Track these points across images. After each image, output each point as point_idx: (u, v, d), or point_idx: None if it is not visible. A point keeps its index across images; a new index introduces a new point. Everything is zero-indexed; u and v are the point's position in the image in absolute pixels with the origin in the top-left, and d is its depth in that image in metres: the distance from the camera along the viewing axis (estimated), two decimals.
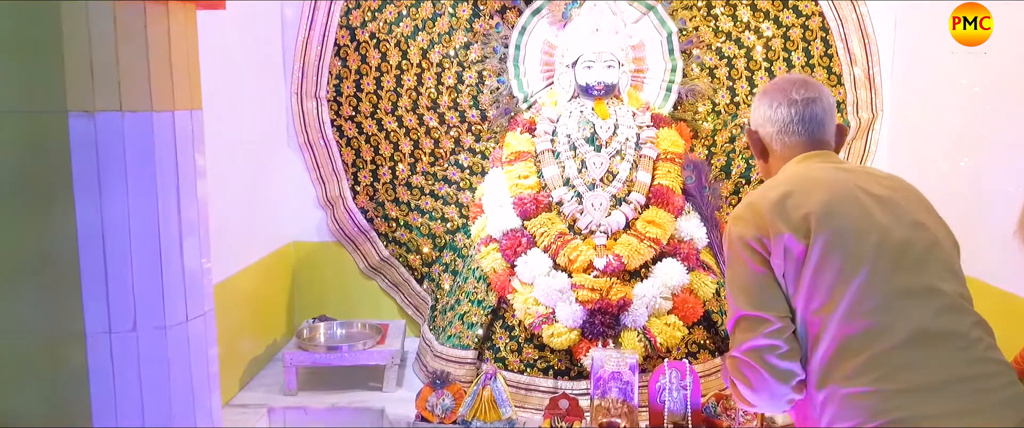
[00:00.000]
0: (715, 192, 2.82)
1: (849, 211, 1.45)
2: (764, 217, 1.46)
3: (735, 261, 1.50)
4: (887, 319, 1.39)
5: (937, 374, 1.36)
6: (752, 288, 1.46)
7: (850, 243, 1.42)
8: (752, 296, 1.45)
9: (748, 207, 1.52)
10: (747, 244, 1.47)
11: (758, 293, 1.45)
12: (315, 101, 3.03)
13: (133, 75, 1.45)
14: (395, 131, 3.08)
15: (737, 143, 3.02)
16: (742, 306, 1.47)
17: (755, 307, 1.45)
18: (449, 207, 3.11)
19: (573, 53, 2.82)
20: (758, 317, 1.44)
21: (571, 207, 2.67)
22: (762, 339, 1.44)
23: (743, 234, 1.48)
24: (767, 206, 1.47)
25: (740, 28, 2.99)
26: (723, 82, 3.01)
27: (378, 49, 3.02)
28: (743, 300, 1.47)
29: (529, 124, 2.88)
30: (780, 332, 1.44)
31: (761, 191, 1.54)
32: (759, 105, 1.65)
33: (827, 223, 1.43)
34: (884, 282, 1.41)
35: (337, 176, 3.11)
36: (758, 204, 1.50)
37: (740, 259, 1.48)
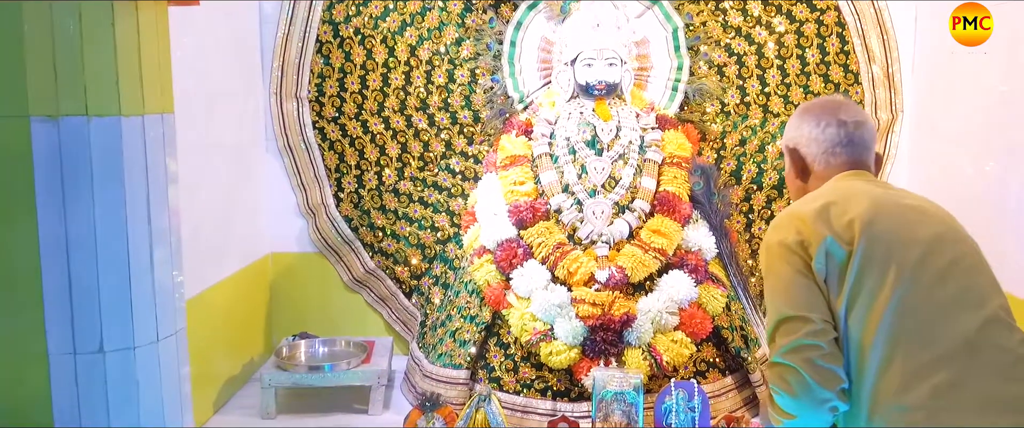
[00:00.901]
0: (725, 199, 2.83)
1: (892, 220, 1.53)
2: (806, 223, 1.54)
3: (775, 266, 1.56)
4: (932, 331, 1.45)
5: (983, 390, 1.43)
6: (793, 290, 1.52)
7: (894, 251, 1.50)
8: (792, 298, 1.52)
9: (788, 216, 1.60)
10: (788, 248, 1.54)
11: (799, 295, 1.52)
12: (296, 102, 3.03)
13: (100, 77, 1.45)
14: (381, 134, 3.08)
15: (748, 146, 3.03)
16: (782, 309, 1.53)
17: (796, 308, 1.51)
18: (440, 215, 3.11)
19: (572, 50, 2.83)
20: (799, 317, 1.50)
21: (570, 215, 2.68)
22: (804, 339, 1.49)
23: (784, 239, 1.55)
24: (809, 214, 1.55)
25: (751, 23, 3.00)
26: (733, 81, 3.02)
27: (363, 46, 3.02)
28: (783, 303, 1.54)
29: (525, 126, 2.88)
30: (822, 333, 1.49)
31: (800, 203, 1.64)
32: (802, 123, 1.73)
33: (870, 229, 1.50)
34: (928, 293, 1.48)
35: (319, 182, 3.11)
36: (800, 212, 1.57)
37: (780, 264, 1.55)
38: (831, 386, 1.49)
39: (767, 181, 3.04)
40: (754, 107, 3.03)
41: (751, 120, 3.03)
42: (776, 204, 3.05)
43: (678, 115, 2.97)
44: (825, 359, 1.48)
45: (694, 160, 2.82)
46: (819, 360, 1.48)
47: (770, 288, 1.58)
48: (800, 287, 1.52)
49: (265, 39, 3.02)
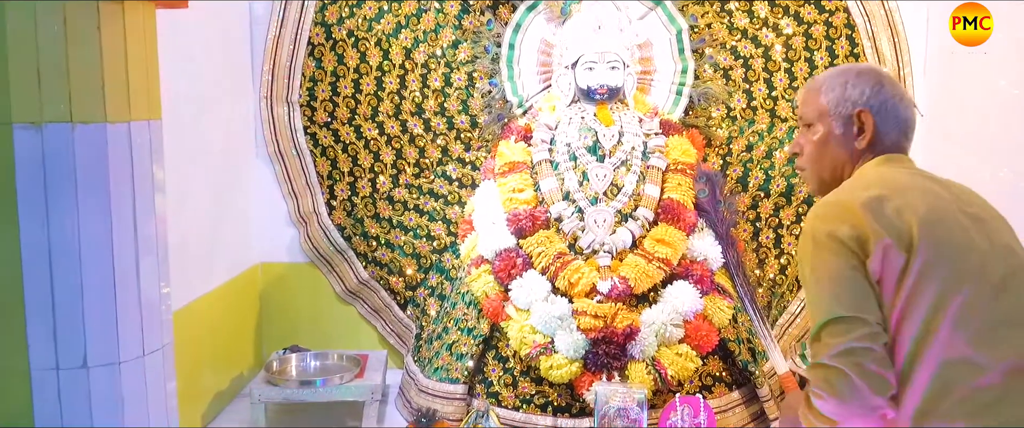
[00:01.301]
0: (731, 207, 2.83)
1: (951, 228, 1.50)
2: (859, 216, 1.47)
3: (824, 260, 1.50)
4: (986, 350, 1.44)
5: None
6: (846, 288, 1.47)
7: (953, 263, 1.47)
8: (846, 296, 1.47)
9: (835, 205, 1.53)
10: (840, 242, 1.48)
11: (853, 294, 1.47)
12: (287, 106, 3.04)
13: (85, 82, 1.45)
14: (375, 139, 3.08)
15: (754, 152, 3.04)
16: (833, 308, 1.48)
17: (849, 308, 1.46)
18: (436, 224, 3.11)
19: (573, 53, 2.84)
20: (853, 318, 1.46)
21: (571, 224, 2.68)
22: (857, 342, 1.45)
23: (835, 231, 1.49)
24: (860, 205, 1.49)
25: (757, 25, 3.02)
26: (739, 84, 3.03)
27: (356, 48, 3.03)
28: (834, 301, 1.48)
29: (524, 132, 2.89)
30: (876, 337, 1.46)
31: (846, 191, 1.55)
32: (881, 88, 1.64)
33: (930, 237, 1.47)
34: (984, 309, 1.46)
35: (311, 189, 3.11)
36: (848, 202, 1.51)
37: (831, 258, 1.48)
38: (884, 392, 1.46)
39: (774, 188, 3.04)
40: (761, 112, 3.04)
41: (758, 125, 3.03)
42: (784, 211, 3.06)
43: (682, 120, 2.98)
44: (878, 364, 1.45)
45: (699, 167, 2.82)
46: (872, 365, 1.45)
47: (816, 283, 1.51)
48: (854, 285, 1.47)
49: (255, 41, 3.02)
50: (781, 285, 3.07)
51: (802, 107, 1.71)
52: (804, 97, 1.70)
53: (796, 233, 3.06)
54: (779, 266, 3.07)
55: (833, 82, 1.66)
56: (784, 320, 3.09)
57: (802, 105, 1.70)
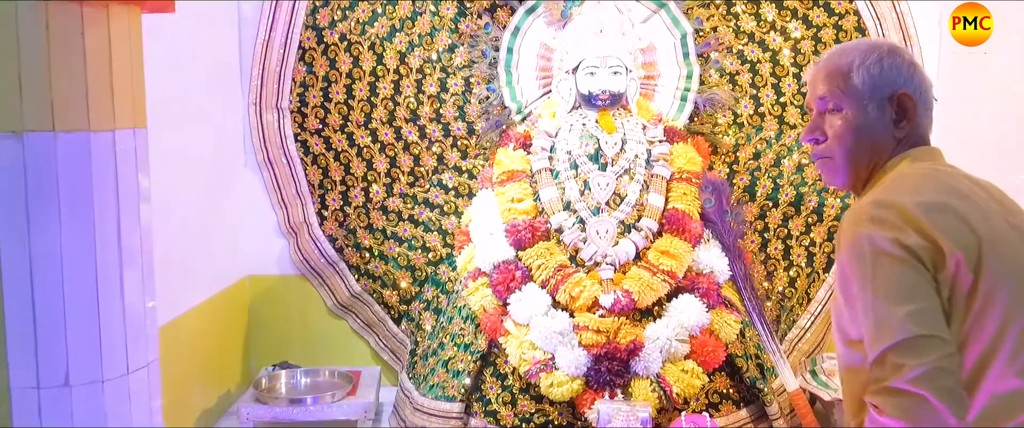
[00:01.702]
0: (738, 217, 2.84)
1: (1009, 244, 1.43)
2: (924, 223, 1.37)
3: (890, 270, 1.37)
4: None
5: None
6: (921, 302, 1.36)
7: (1012, 286, 1.40)
8: (923, 313, 1.36)
9: (889, 208, 1.40)
10: (909, 250, 1.35)
11: (930, 309, 1.36)
12: (276, 113, 3.04)
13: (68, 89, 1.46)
14: (369, 147, 3.09)
15: (762, 160, 3.04)
16: (907, 326, 1.36)
17: (927, 326, 1.35)
18: (431, 235, 3.12)
19: (574, 57, 2.85)
20: (931, 337, 1.35)
21: (573, 235, 2.68)
22: (937, 363, 1.35)
23: (901, 238, 1.36)
24: (922, 211, 1.37)
25: (764, 28, 3.03)
26: (746, 90, 3.04)
27: (349, 53, 3.04)
28: (908, 318, 1.36)
29: (523, 139, 2.90)
30: (954, 357, 1.37)
31: (895, 192, 1.44)
32: (913, 70, 1.55)
33: (994, 255, 1.39)
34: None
35: (301, 199, 3.12)
36: (905, 206, 1.39)
37: (898, 268, 1.36)
38: (963, 416, 1.36)
39: (783, 197, 3.05)
40: (769, 118, 3.05)
41: (766, 132, 3.04)
42: (793, 222, 3.06)
43: (687, 127, 2.99)
44: (959, 386, 1.36)
45: (705, 175, 2.83)
46: (955, 386, 1.35)
47: (880, 297, 1.37)
48: (930, 300, 1.35)
49: (244, 46, 3.03)
50: (791, 298, 3.08)
51: (822, 87, 1.55)
52: (825, 76, 1.55)
53: (805, 244, 3.07)
54: (788, 278, 3.08)
55: (864, 59, 1.53)
56: (794, 335, 3.09)
57: (822, 85, 1.55)
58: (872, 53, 1.53)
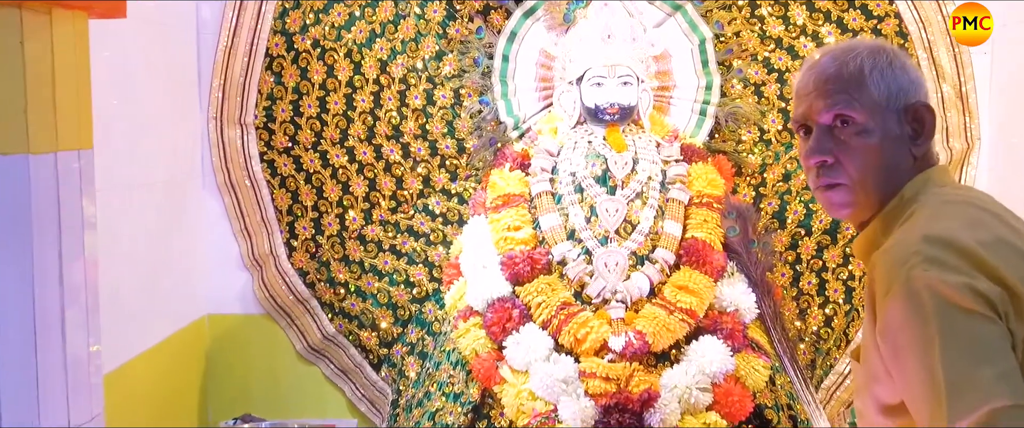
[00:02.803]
0: (766, 247, 2.85)
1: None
2: (991, 264, 1.31)
3: (967, 322, 1.29)
4: None
5: None
6: (1004, 362, 1.29)
7: None
8: (1009, 376, 1.28)
9: (948, 247, 1.33)
10: (985, 298, 1.28)
11: (1014, 370, 1.28)
12: (240, 129, 3.06)
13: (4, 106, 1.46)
14: (345, 167, 3.10)
15: (793, 182, 3.06)
16: (1002, 392, 1.28)
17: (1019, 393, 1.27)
18: (416, 268, 3.12)
19: (578, 66, 2.87)
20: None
21: (578, 268, 2.69)
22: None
23: (973, 283, 1.29)
24: (986, 251, 1.32)
25: (793, 33, 3.06)
26: (773, 102, 3.07)
27: (323, 61, 3.06)
28: (995, 383, 1.28)
29: (521, 158, 2.91)
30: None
31: (944, 226, 1.38)
32: (920, 78, 1.51)
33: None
34: None
35: (267, 227, 3.12)
36: (966, 245, 1.33)
37: (977, 319, 1.29)
38: None
39: (817, 224, 3.06)
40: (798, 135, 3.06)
41: (796, 150, 3.05)
42: (828, 252, 3.07)
43: (707, 144, 3.01)
44: None
45: (728, 199, 2.84)
46: None
47: (953, 356, 1.29)
48: (1011, 359, 1.28)
49: (203, 53, 3.05)
50: (827, 340, 3.08)
51: (828, 96, 1.46)
52: (831, 82, 1.47)
53: (843, 277, 3.08)
54: (823, 317, 3.08)
55: (875, 61, 1.47)
56: (830, 382, 3.09)
57: (827, 93, 1.46)
58: (881, 54, 1.48)
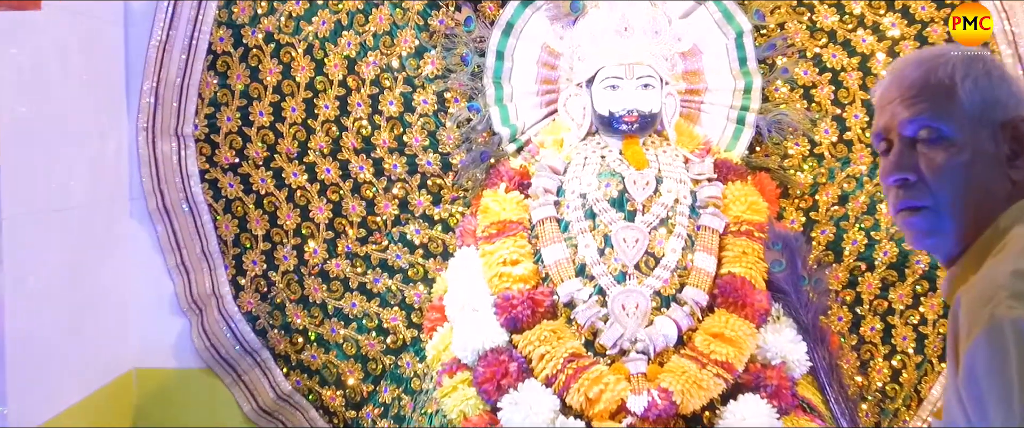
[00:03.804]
0: (819, 285, 2.83)
1: None
2: None
3: None
4: None
5: None
6: None
7: None
8: None
9: None
10: None
11: None
12: (176, 141, 3.05)
13: None
14: (304, 188, 3.10)
15: (851, 205, 3.05)
16: None
17: None
18: (390, 311, 3.11)
19: (589, 65, 2.87)
20: None
21: (589, 312, 2.67)
22: None
23: None
24: None
25: (850, 25, 3.06)
26: (826, 108, 3.06)
27: (278, 58, 3.05)
28: None
29: (520, 177, 2.90)
30: None
31: None
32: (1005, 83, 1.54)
33: None
34: None
35: (209, 261, 3.11)
36: None
37: None
38: None
39: (881, 257, 3.05)
40: (858, 147, 3.06)
41: (855, 166, 3.05)
42: (895, 290, 3.06)
43: (746, 160, 3.01)
44: None
45: (772, 227, 2.83)
46: None
47: None
48: None
49: (132, 50, 3.04)
50: (894, 398, 3.06)
51: (913, 105, 1.51)
52: (916, 89, 1.52)
53: (913, 322, 3.06)
54: (890, 370, 3.07)
55: (968, 69, 1.51)
56: None
57: (910, 102, 1.51)
58: (977, 62, 1.51)
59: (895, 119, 1.51)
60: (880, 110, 1.53)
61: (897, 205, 1.51)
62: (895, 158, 1.50)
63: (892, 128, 1.50)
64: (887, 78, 1.54)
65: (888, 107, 1.52)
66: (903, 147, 1.50)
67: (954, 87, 1.48)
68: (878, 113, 1.53)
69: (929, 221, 1.50)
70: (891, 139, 1.51)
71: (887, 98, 1.52)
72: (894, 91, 1.51)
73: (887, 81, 1.54)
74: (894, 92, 1.51)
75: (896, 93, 1.51)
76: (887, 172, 1.52)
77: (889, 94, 1.52)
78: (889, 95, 1.52)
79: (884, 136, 1.52)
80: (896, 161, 1.50)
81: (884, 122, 1.52)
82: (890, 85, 1.52)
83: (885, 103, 1.52)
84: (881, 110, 1.53)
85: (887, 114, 1.52)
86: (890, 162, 1.51)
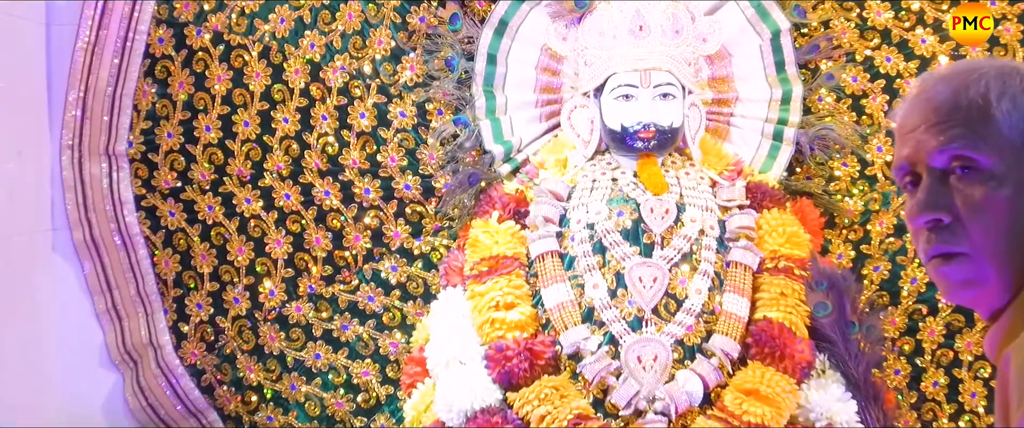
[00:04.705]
0: (871, 333, 2.82)
1: None
2: None
3: None
4: None
5: None
6: None
7: None
8: None
9: None
10: None
11: None
12: (107, 162, 3.04)
13: None
14: (258, 217, 3.09)
15: (909, 236, 3.05)
16: None
17: None
18: (361, 364, 3.09)
19: (598, 71, 2.87)
20: None
21: (599, 365, 2.66)
22: None
23: None
24: None
25: (907, 22, 3.06)
26: (879, 121, 3.06)
27: (228, 63, 3.05)
28: None
29: (515, 204, 2.90)
30: None
31: None
32: None
33: None
34: None
35: (146, 305, 3.10)
36: None
37: None
38: None
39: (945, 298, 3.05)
40: None
41: None
42: (962, 338, 3.05)
43: (785, 183, 3.01)
44: None
45: (816, 263, 2.82)
46: None
47: None
48: None
49: (55, 53, 3.04)
50: None
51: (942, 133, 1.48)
52: (945, 113, 1.50)
53: (984, 376, 3.05)
54: None
55: (1004, 85, 1.49)
56: None
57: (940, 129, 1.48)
58: (1014, 77, 1.50)
59: (922, 149, 1.47)
60: (902, 138, 1.50)
61: (929, 251, 1.49)
62: (924, 196, 1.47)
63: (919, 160, 1.47)
64: (909, 100, 1.51)
65: (912, 135, 1.49)
66: (933, 182, 1.47)
67: (989, 107, 1.46)
68: (899, 142, 1.51)
69: (967, 269, 1.48)
70: (917, 172, 1.47)
71: (910, 124, 1.49)
72: (918, 115, 1.48)
73: (909, 103, 1.51)
74: (918, 116, 1.48)
75: (921, 118, 1.48)
76: (915, 213, 1.48)
77: (912, 119, 1.49)
78: (913, 120, 1.49)
79: (909, 169, 1.48)
80: (925, 199, 1.47)
81: (908, 152, 1.49)
82: (913, 108, 1.50)
83: (908, 130, 1.50)
84: (903, 138, 1.50)
85: (911, 143, 1.49)
86: (918, 200, 1.46)
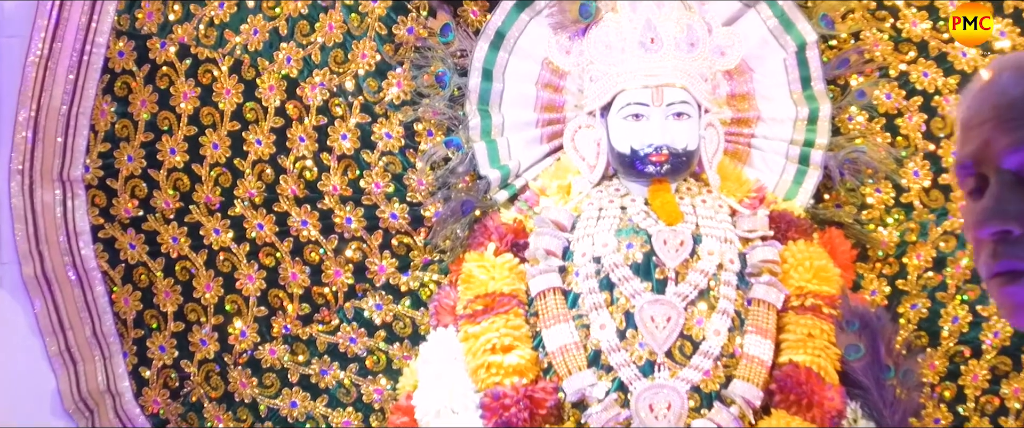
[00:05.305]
0: (909, 377, 2.82)
1: None
2: None
3: None
4: None
5: None
6: None
7: None
8: None
9: None
10: None
11: None
12: (62, 188, 3.04)
13: None
14: (228, 251, 3.10)
15: (949, 270, 3.05)
16: None
17: None
18: (342, 413, 3.10)
19: (605, 87, 2.89)
20: None
21: (605, 416, 2.66)
22: None
23: None
24: None
25: (944, 32, 3.07)
26: (915, 143, 3.07)
27: (194, 79, 3.07)
28: None
29: (513, 234, 2.91)
30: None
31: None
32: None
33: None
34: None
35: (103, 347, 3.10)
36: None
37: None
38: None
39: (991, 339, 3.04)
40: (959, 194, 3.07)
41: (954, 220, 3.06)
42: (1008, 383, 3.05)
43: (812, 212, 3.02)
44: None
45: (847, 301, 2.83)
46: None
47: None
48: None
49: (5, 68, 3.05)
50: None
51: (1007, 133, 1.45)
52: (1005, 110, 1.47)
53: None
54: None
55: None
56: None
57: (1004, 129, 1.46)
58: None
59: (991, 147, 1.44)
60: (967, 133, 1.47)
61: (993, 268, 1.44)
62: (992, 202, 1.43)
63: (986, 159, 1.43)
64: (976, 89, 1.48)
65: (979, 129, 1.45)
66: (1002, 187, 1.43)
67: None
68: (963, 136, 1.48)
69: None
70: (984, 172, 1.44)
71: (978, 117, 1.46)
72: (988, 108, 1.45)
73: (977, 93, 1.47)
74: (988, 110, 1.45)
75: (991, 111, 1.45)
76: (980, 222, 1.44)
77: (981, 112, 1.46)
78: (982, 114, 1.45)
79: (974, 169, 1.45)
80: (993, 206, 1.43)
81: (973, 150, 1.45)
82: (982, 99, 1.47)
83: (975, 124, 1.46)
84: (968, 133, 1.47)
85: (977, 139, 1.45)
86: (985, 207, 1.43)
